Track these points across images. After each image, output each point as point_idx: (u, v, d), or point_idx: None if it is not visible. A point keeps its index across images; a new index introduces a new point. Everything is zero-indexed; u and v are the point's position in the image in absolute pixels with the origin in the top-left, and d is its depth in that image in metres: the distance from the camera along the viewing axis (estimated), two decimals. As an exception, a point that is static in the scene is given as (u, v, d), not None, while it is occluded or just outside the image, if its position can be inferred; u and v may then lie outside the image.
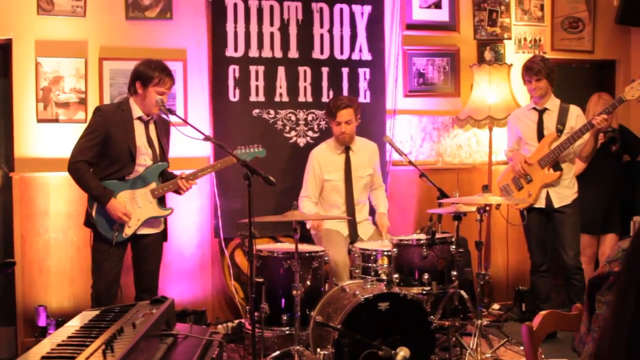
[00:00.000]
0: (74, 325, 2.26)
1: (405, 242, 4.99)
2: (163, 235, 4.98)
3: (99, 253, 4.69)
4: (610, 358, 1.19)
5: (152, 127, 4.81)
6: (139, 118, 4.73)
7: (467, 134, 6.65)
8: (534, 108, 5.65)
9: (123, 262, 4.82)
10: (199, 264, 5.99)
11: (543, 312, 2.71)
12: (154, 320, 2.14)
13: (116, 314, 2.35)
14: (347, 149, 5.65)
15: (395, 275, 4.81)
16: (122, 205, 4.62)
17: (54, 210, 5.62)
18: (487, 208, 5.45)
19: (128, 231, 4.68)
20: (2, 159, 5.76)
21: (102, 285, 4.69)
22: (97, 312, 2.44)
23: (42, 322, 3.30)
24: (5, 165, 5.74)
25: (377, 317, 4.38)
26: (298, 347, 4.64)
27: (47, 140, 5.60)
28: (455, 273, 4.96)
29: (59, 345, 2.02)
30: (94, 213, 4.64)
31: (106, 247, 4.65)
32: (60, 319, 5.26)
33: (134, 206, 4.69)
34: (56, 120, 5.63)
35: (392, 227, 5.79)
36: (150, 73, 4.64)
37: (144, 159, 4.73)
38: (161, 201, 4.85)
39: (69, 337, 2.11)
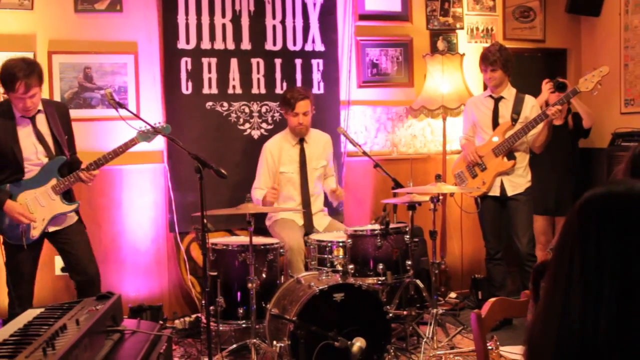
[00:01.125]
0: (16, 323, 2.22)
1: (360, 233, 5.00)
2: (80, 223, 4.84)
3: (12, 261, 4.57)
4: (541, 342, 1.19)
5: (41, 120, 4.63)
6: (22, 116, 4.55)
7: (422, 124, 6.67)
8: (491, 96, 5.69)
9: (38, 263, 4.70)
10: (155, 259, 5.93)
11: (492, 300, 2.74)
12: (98, 316, 2.10)
13: (62, 311, 2.30)
14: (301, 141, 5.64)
15: (351, 266, 4.82)
16: (19, 206, 4.49)
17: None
18: (441, 197, 5.48)
19: (34, 232, 4.58)
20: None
21: (21, 289, 4.58)
22: (41, 310, 2.39)
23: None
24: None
25: (333, 308, 4.38)
26: (255, 340, 4.63)
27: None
28: (410, 263, 4.99)
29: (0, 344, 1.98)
30: None
31: (17, 252, 4.53)
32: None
33: (36, 206, 4.57)
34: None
35: (348, 217, 5.80)
36: (3, 79, 4.42)
37: (37, 156, 4.59)
38: (66, 196, 4.71)
39: (11, 335, 2.06)
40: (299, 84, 6.14)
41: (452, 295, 6.51)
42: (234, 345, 4.76)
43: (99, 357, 2.03)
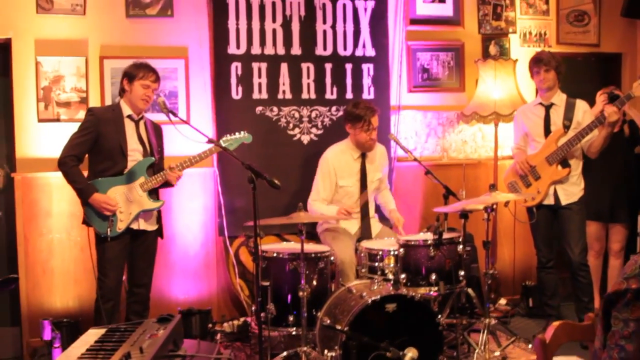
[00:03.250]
0: (79, 347, 2.22)
1: (413, 243, 4.95)
2: (159, 233, 5.08)
3: (100, 250, 4.80)
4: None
5: (142, 126, 4.98)
6: (129, 116, 4.88)
7: (473, 129, 6.59)
8: (540, 103, 5.58)
9: (126, 257, 4.89)
10: (204, 262, 5.96)
11: (555, 324, 2.67)
12: (161, 343, 2.09)
13: (122, 333, 2.30)
14: (363, 155, 5.59)
15: (402, 276, 4.77)
16: (106, 197, 4.71)
17: (57, 210, 5.59)
18: (494, 207, 5.40)
19: (121, 225, 4.76)
20: (3, 159, 5.72)
21: (108, 281, 4.78)
22: (103, 331, 2.39)
23: (47, 335, 3.28)
24: (7, 165, 5.70)
25: (384, 319, 4.34)
26: (305, 348, 4.61)
27: (49, 140, 5.55)
28: (462, 273, 4.93)
29: (66, 371, 1.99)
30: (87, 211, 4.76)
31: (105, 243, 4.75)
32: (64, 320, 5.26)
33: (124, 201, 4.78)
34: (57, 120, 5.58)
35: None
36: (135, 70, 4.87)
37: (135, 155, 4.86)
38: (152, 194, 4.92)
39: (76, 360, 2.07)
40: (349, 89, 6.11)
41: (502, 301, 6.44)
42: (285, 353, 4.74)
43: (162, 382, 2.02)
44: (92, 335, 2.36)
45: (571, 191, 5.50)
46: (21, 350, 5.52)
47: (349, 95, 6.12)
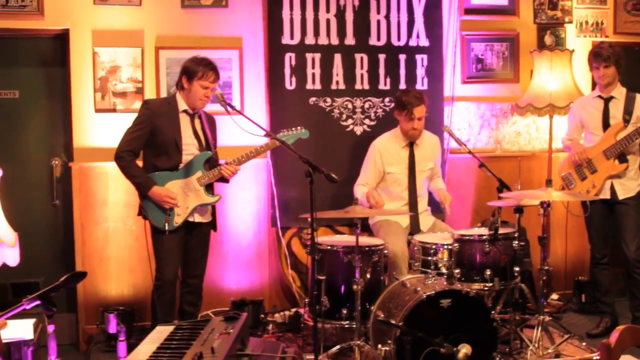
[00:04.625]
0: (149, 344, 2.25)
1: (467, 238, 4.92)
2: (212, 225, 5.10)
3: (158, 242, 4.85)
4: None
5: (197, 120, 4.96)
6: (185, 111, 4.89)
7: (527, 121, 6.51)
8: (599, 96, 5.48)
9: (182, 249, 4.92)
10: (256, 253, 6.00)
11: (620, 328, 2.63)
12: (231, 342, 2.11)
13: (191, 331, 2.33)
14: (411, 143, 5.57)
15: (457, 271, 4.75)
16: (165, 189, 4.76)
17: (113, 199, 5.66)
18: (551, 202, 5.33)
19: (178, 219, 4.80)
20: (61, 149, 5.80)
21: (165, 274, 4.83)
22: (171, 329, 2.42)
23: (112, 329, 3.35)
24: (64, 155, 5.79)
25: (439, 314, 4.32)
26: (359, 342, 4.62)
27: (105, 130, 5.62)
28: (517, 269, 4.89)
29: (139, 371, 2.02)
30: (144, 204, 4.82)
31: (162, 235, 4.80)
32: (120, 308, 5.34)
33: (182, 195, 4.82)
34: (114, 110, 5.65)
35: (450, 216, 5.71)
36: (195, 68, 4.81)
37: (191, 149, 4.87)
38: (208, 189, 4.94)
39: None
40: (402, 79, 6.08)
41: (554, 297, 6.37)
42: (339, 346, 4.76)
43: (232, 384, 2.04)
44: (160, 333, 2.40)
45: (628, 186, 5.41)
46: (77, 337, 5.63)
47: (402, 86, 6.08)
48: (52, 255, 5.76)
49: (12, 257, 3.71)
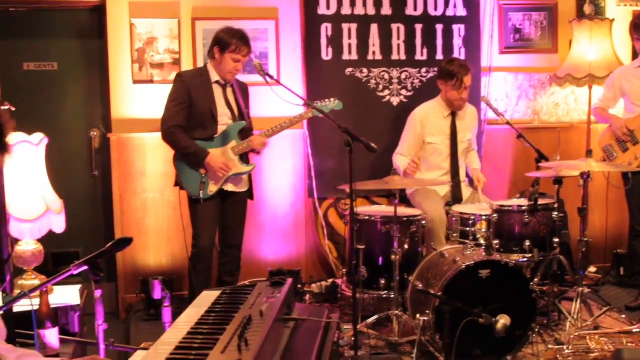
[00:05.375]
0: (197, 308, 2.27)
1: (507, 208, 4.89)
2: (249, 194, 5.13)
3: (194, 211, 4.91)
4: None
5: (229, 90, 4.98)
6: (217, 82, 4.90)
7: (565, 92, 6.42)
8: (642, 66, 5.41)
9: (217, 218, 4.97)
10: (293, 223, 6.02)
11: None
12: (279, 306, 2.13)
13: (238, 296, 2.35)
14: (453, 114, 5.53)
15: (495, 241, 4.72)
16: (221, 157, 4.80)
17: (151, 170, 5.71)
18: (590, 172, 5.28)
19: (212, 188, 4.85)
20: (99, 120, 5.85)
21: (201, 242, 4.89)
22: (217, 294, 2.45)
23: (157, 295, 3.41)
24: (103, 126, 5.83)
25: (478, 285, 4.31)
26: (397, 312, 4.64)
27: (143, 101, 5.66)
28: (557, 240, 4.85)
29: (189, 333, 2.04)
30: (179, 173, 4.87)
31: (198, 204, 4.85)
32: (159, 278, 5.39)
33: (210, 171, 4.84)
34: (151, 81, 5.67)
35: (487, 187, 5.67)
36: (229, 39, 4.80)
37: (224, 119, 4.90)
38: (243, 158, 4.96)
39: (197, 324, 2.12)
40: (439, 50, 6.03)
41: (592, 269, 6.32)
42: (377, 316, 4.78)
43: (280, 347, 2.06)
44: (207, 297, 2.42)
45: (671, 157, 5.34)
46: (117, 306, 5.71)
47: (440, 56, 6.02)
48: (91, 226, 5.84)
49: (58, 224, 3.77)
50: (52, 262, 4.55)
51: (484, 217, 4.85)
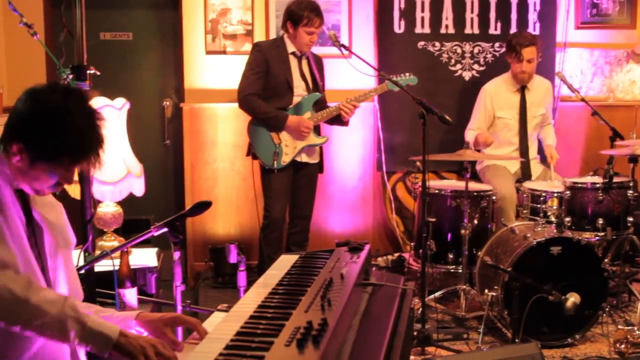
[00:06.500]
0: (277, 270, 2.31)
1: (580, 185, 4.82)
2: (319, 167, 5.15)
3: (266, 181, 4.95)
4: None
5: (304, 62, 4.99)
6: (293, 53, 4.92)
7: (642, 69, 6.28)
8: None
9: (289, 189, 5.00)
10: (361, 196, 6.03)
11: None
12: (358, 270, 2.15)
13: (317, 260, 2.39)
14: (522, 88, 5.45)
15: (567, 219, 4.66)
16: (301, 118, 4.83)
17: (222, 140, 5.78)
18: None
19: (286, 158, 4.87)
20: (172, 90, 5.95)
21: (273, 213, 4.94)
22: (295, 257, 2.49)
23: (233, 259, 3.48)
24: (175, 96, 5.93)
25: (548, 262, 4.27)
26: (465, 287, 4.63)
27: (215, 71, 5.72)
28: (631, 219, 4.76)
29: (270, 293, 2.08)
30: (253, 143, 4.90)
31: (271, 174, 4.88)
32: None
33: (291, 134, 4.87)
34: (224, 52, 5.73)
35: (558, 165, 5.59)
36: (300, 12, 4.80)
37: (299, 91, 4.92)
38: (316, 130, 4.99)
39: (278, 285, 2.16)
40: (513, 24, 5.94)
41: (664, 251, 6.18)
42: (444, 290, 4.78)
43: (360, 310, 2.09)
44: (286, 261, 2.46)
45: None
46: (185, 274, 5.82)
47: (514, 30, 5.92)
48: (162, 194, 5.96)
49: (138, 187, 3.87)
50: (122, 229, 4.66)
51: (555, 194, 4.78)
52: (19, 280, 1.86)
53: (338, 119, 4.96)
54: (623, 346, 3.92)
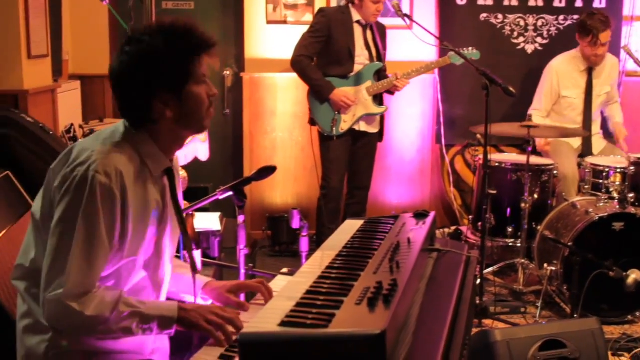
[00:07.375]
0: (342, 235, 2.33)
1: (645, 161, 4.73)
2: (379, 136, 5.15)
3: (325, 150, 4.98)
4: None
5: (369, 31, 4.97)
6: (358, 22, 4.90)
7: None
8: None
9: (348, 158, 5.02)
10: (419, 169, 6.02)
11: None
12: (425, 236, 2.16)
13: (383, 225, 2.40)
14: (590, 68, 5.32)
15: (630, 195, 4.57)
16: (346, 92, 4.82)
17: (281, 110, 5.81)
18: None
19: (344, 125, 4.89)
20: (233, 59, 5.98)
21: (332, 182, 4.97)
22: (361, 222, 2.50)
23: (295, 224, 3.51)
24: (235, 65, 5.96)
25: (610, 237, 4.23)
26: (523, 260, 4.60)
27: (276, 41, 5.73)
28: (698, 197, 4.66)
29: (338, 256, 2.10)
30: (312, 110, 4.92)
31: (329, 143, 4.90)
32: (285, 216, 5.51)
33: (334, 106, 4.87)
34: (284, 22, 5.74)
35: (624, 141, 5.49)
36: None
37: (361, 59, 4.91)
38: (376, 99, 4.97)
39: (345, 247, 2.18)
40: (580, -3, 5.82)
41: None
42: (502, 263, 4.76)
43: (426, 275, 2.09)
44: (351, 225, 2.47)
45: None
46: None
47: (579, 3, 5.82)
48: (221, 162, 6.01)
49: (203, 152, 3.92)
50: (183, 195, 4.75)
51: (619, 170, 4.69)
52: (75, 294, 1.86)
53: (388, 89, 4.97)
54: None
